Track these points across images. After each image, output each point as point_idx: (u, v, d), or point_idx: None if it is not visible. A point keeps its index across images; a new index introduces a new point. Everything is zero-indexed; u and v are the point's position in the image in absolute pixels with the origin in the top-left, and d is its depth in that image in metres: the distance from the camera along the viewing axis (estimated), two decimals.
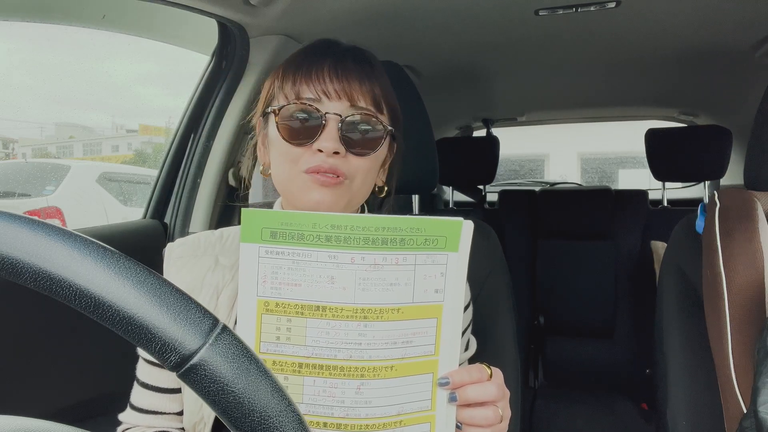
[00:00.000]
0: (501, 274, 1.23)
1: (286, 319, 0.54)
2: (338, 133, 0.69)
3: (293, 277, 0.53)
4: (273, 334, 0.54)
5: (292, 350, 0.54)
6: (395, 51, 1.57)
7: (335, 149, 0.68)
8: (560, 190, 2.61)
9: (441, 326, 0.57)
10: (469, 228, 0.56)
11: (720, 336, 0.95)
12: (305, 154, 0.69)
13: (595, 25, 1.42)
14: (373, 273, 0.53)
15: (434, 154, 1.20)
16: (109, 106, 14.97)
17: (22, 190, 4.15)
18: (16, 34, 6.71)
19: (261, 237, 0.52)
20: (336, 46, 0.75)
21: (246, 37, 1.31)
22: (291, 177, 0.71)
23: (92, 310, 0.32)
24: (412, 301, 0.56)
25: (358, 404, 0.55)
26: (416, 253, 0.55)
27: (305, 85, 0.70)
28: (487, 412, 0.59)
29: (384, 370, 0.55)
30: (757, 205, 0.99)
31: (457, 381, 0.58)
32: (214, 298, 0.73)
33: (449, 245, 0.56)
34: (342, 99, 0.70)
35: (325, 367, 0.54)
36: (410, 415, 0.57)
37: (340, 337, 0.54)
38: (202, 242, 0.77)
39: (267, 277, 0.53)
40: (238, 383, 0.33)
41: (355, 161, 0.70)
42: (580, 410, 2.06)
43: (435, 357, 0.58)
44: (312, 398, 0.54)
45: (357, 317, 0.53)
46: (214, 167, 1.39)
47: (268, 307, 0.54)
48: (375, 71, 0.74)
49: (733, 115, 2.28)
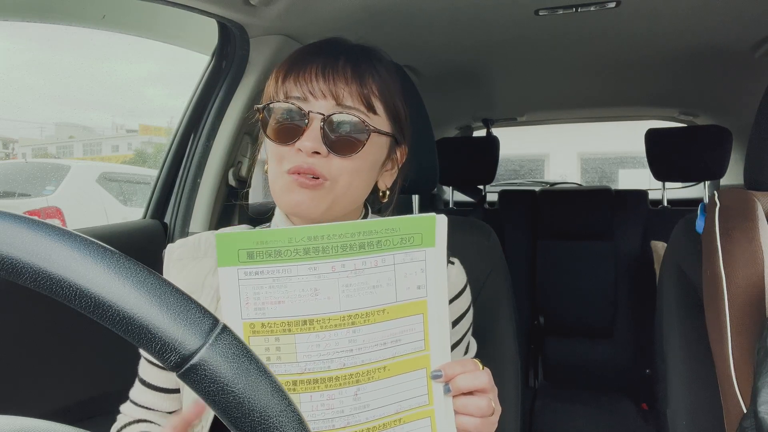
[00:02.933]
0: (501, 274, 1.23)
1: (274, 338, 0.53)
2: (320, 132, 0.67)
3: (276, 295, 0.52)
4: (263, 355, 0.53)
5: (284, 369, 0.53)
6: (395, 51, 1.56)
7: (315, 149, 0.66)
8: (560, 190, 2.61)
9: (428, 321, 0.58)
10: (443, 222, 0.57)
11: (720, 336, 0.95)
12: (288, 153, 0.69)
13: (595, 25, 1.42)
14: (355, 278, 0.54)
15: (434, 154, 1.20)
16: (112, 105, 14.98)
17: (22, 190, 4.15)
18: (24, 35, 6.73)
19: (238, 259, 0.52)
20: (336, 45, 0.74)
21: (246, 37, 1.31)
22: (275, 177, 0.70)
23: (92, 310, 0.32)
24: (395, 300, 0.56)
25: (357, 410, 0.55)
26: (394, 253, 0.55)
27: (293, 83, 0.69)
28: (479, 401, 0.59)
29: (378, 371, 0.55)
30: (757, 205, 0.99)
31: (450, 373, 0.59)
32: (215, 300, 0.72)
33: (425, 241, 0.57)
34: (327, 98, 0.68)
35: (320, 380, 0.54)
36: (409, 412, 0.58)
37: (331, 348, 0.53)
38: (203, 243, 0.77)
39: (249, 299, 0.52)
40: (238, 383, 0.33)
41: (338, 162, 0.68)
42: (580, 410, 2.06)
43: (426, 352, 0.58)
44: (311, 414, 0.54)
45: (345, 324, 0.53)
46: (214, 167, 1.39)
47: (254, 329, 0.53)
48: (372, 70, 0.72)
49: (733, 115, 2.28)
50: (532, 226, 2.41)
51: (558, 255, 2.34)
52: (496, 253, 1.24)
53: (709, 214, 1.04)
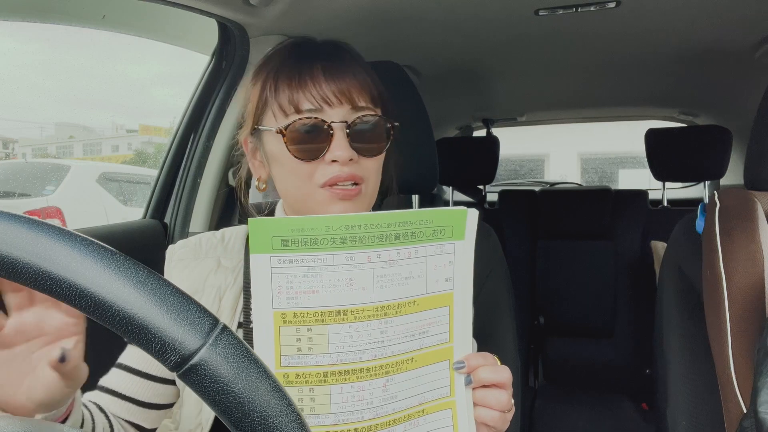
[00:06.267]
0: (501, 274, 1.23)
1: (306, 328, 0.52)
2: (347, 140, 0.68)
3: (310, 285, 0.51)
4: (294, 346, 0.52)
5: (316, 360, 0.53)
6: (395, 51, 1.57)
7: (350, 156, 0.67)
8: (560, 190, 2.61)
9: (453, 314, 0.59)
10: (474, 216, 0.57)
11: (720, 336, 0.95)
12: (319, 167, 0.68)
13: (595, 25, 1.42)
14: (389, 269, 0.53)
15: (434, 154, 1.20)
16: (118, 105, 15.00)
17: (22, 190, 4.15)
18: (23, 36, 6.75)
19: (272, 246, 0.50)
20: (315, 45, 0.73)
21: (246, 37, 1.31)
22: (308, 193, 0.69)
23: (92, 310, 0.32)
24: (425, 292, 0.56)
25: (386, 401, 0.55)
26: (426, 245, 0.55)
27: (301, 93, 0.68)
28: (499, 394, 0.60)
29: (406, 363, 0.56)
30: (757, 205, 0.99)
31: (473, 364, 0.59)
32: (217, 300, 0.72)
33: (456, 234, 0.57)
34: (343, 103, 0.68)
35: (351, 371, 0.53)
36: (431, 403, 0.58)
37: (363, 339, 0.53)
38: (204, 244, 0.76)
39: (282, 288, 0.51)
40: (238, 383, 0.33)
41: (367, 164, 0.70)
42: (580, 410, 2.06)
43: (450, 344, 0.59)
44: (340, 406, 0.53)
45: (378, 315, 0.53)
46: (214, 167, 1.39)
47: (285, 319, 0.52)
48: (360, 62, 0.73)
49: (733, 115, 2.28)
50: (532, 226, 2.41)
51: (558, 255, 2.35)
52: (496, 253, 1.24)
53: (709, 214, 1.04)
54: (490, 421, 0.60)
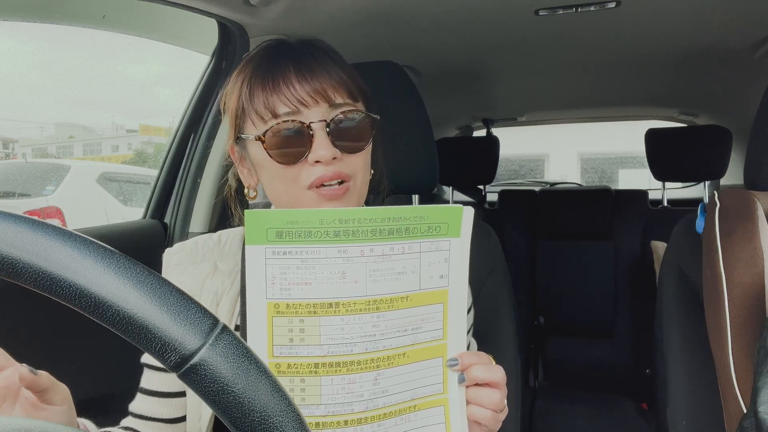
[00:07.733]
0: (501, 274, 1.23)
1: (298, 319, 0.53)
2: (329, 139, 0.67)
3: (303, 276, 0.52)
4: (286, 336, 0.53)
5: (307, 351, 0.53)
6: (395, 51, 1.57)
7: (332, 155, 0.67)
8: (560, 190, 2.61)
9: (447, 311, 0.59)
10: (469, 213, 0.58)
11: (720, 336, 0.95)
12: (303, 169, 0.68)
13: (595, 25, 1.42)
14: (382, 264, 0.54)
15: (434, 154, 1.20)
16: (118, 105, 14.98)
17: (22, 190, 4.15)
18: (24, 36, 6.74)
19: (267, 238, 0.51)
20: (288, 47, 0.72)
21: (246, 37, 1.31)
22: (295, 196, 0.69)
23: (92, 310, 0.32)
24: (419, 288, 0.57)
25: (376, 395, 0.55)
26: (420, 241, 0.56)
27: (275, 97, 0.67)
28: (493, 393, 0.60)
29: (397, 357, 0.56)
30: (757, 205, 0.99)
31: (466, 362, 0.59)
32: (214, 303, 0.72)
33: (451, 231, 0.57)
34: (320, 103, 0.68)
35: (342, 363, 0.54)
36: (424, 399, 0.59)
37: (354, 332, 0.54)
38: (200, 248, 0.76)
39: (275, 279, 0.52)
40: (238, 383, 0.33)
41: (352, 160, 0.69)
42: (580, 410, 2.06)
43: (444, 341, 0.59)
44: (331, 398, 0.54)
45: (370, 309, 0.54)
46: (214, 167, 1.39)
47: (278, 309, 0.53)
48: (335, 59, 0.72)
49: (733, 115, 2.28)
50: (532, 226, 2.41)
51: (558, 255, 2.35)
52: (496, 253, 1.24)
53: (709, 214, 1.04)
54: (483, 420, 0.60)
